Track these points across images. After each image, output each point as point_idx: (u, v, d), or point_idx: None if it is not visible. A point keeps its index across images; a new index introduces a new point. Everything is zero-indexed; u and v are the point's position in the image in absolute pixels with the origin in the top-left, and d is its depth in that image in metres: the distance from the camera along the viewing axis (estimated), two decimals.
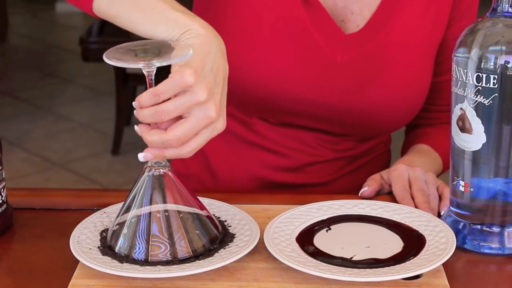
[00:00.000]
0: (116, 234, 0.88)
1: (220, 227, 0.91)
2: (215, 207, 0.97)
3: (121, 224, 0.88)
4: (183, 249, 0.86)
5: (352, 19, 1.14)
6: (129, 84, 3.34)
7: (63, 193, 1.11)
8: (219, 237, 0.89)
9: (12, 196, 1.01)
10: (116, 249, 0.87)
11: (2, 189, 0.96)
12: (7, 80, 4.42)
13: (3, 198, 0.97)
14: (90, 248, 0.88)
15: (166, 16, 0.89)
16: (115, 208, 0.96)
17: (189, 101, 0.82)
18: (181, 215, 0.88)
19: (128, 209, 0.88)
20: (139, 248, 0.86)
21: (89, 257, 0.86)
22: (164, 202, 0.88)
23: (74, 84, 4.33)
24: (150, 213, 0.87)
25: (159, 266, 0.84)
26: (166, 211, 0.88)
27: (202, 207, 0.90)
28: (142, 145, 0.86)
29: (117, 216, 0.89)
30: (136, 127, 0.86)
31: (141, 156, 0.86)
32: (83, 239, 0.90)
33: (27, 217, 1.01)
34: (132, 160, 3.28)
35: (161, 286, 0.84)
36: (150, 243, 0.86)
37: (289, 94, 1.12)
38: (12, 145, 3.43)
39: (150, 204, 0.88)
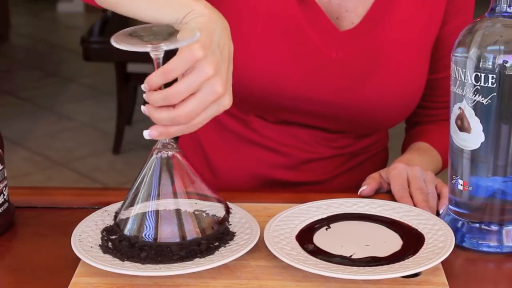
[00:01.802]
0: (126, 216, 0.88)
1: (228, 207, 0.91)
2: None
3: (131, 206, 0.88)
4: (191, 229, 0.86)
5: (347, 16, 1.14)
6: (130, 83, 3.34)
7: (64, 191, 1.12)
8: (227, 217, 0.90)
9: (14, 194, 1.01)
10: (126, 231, 0.87)
11: (4, 188, 0.97)
12: (9, 80, 4.42)
13: (5, 197, 0.97)
14: (91, 247, 0.89)
15: None
16: (117, 206, 0.97)
17: (198, 78, 0.82)
18: (189, 196, 0.88)
19: (137, 191, 0.89)
20: (149, 229, 0.86)
21: (90, 255, 0.86)
22: (172, 183, 0.88)
23: (75, 83, 4.33)
24: (158, 194, 0.88)
25: (160, 265, 0.85)
26: (174, 193, 0.88)
27: (210, 188, 0.91)
28: (143, 144, 0.86)
29: (127, 198, 0.90)
30: (142, 107, 0.85)
31: (146, 134, 0.85)
32: (85, 238, 0.90)
33: (29, 215, 1.01)
34: (133, 159, 3.28)
35: (162, 284, 0.84)
36: (159, 224, 0.86)
37: (285, 91, 1.13)
38: (14, 144, 3.43)
39: (159, 185, 0.88)
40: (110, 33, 0.88)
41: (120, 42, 0.83)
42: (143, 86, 0.84)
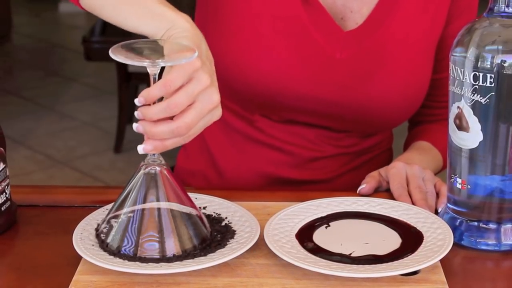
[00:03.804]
0: (108, 228, 0.89)
1: (209, 228, 0.91)
2: (215, 204, 0.98)
3: (113, 219, 0.89)
4: (172, 247, 0.86)
5: (352, 17, 1.15)
6: (131, 83, 3.34)
7: (66, 190, 1.12)
8: (209, 237, 0.90)
9: (16, 193, 1.01)
10: (108, 241, 0.88)
11: (6, 187, 0.97)
12: (12, 79, 4.43)
13: (7, 196, 0.98)
14: (92, 245, 0.89)
15: (152, 10, 0.90)
16: None
17: (197, 87, 0.83)
18: (173, 214, 0.88)
19: (121, 205, 0.89)
20: (129, 243, 0.86)
21: (91, 253, 0.87)
22: (158, 200, 0.88)
23: (77, 83, 4.34)
24: (142, 210, 0.88)
25: (161, 263, 0.85)
26: (158, 209, 0.88)
27: (194, 207, 0.91)
28: None
29: (110, 211, 0.90)
30: (135, 125, 0.85)
31: (140, 149, 0.85)
32: (86, 236, 0.91)
33: (31, 214, 1.02)
34: (134, 157, 3.27)
35: (162, 282, 0.85)
36: (140, 239, 0.87)
37: (289, 91, 1.13)
38: (16, 143, 3.44)
39: (144, 201, 0.88)
40: (111, 33, 0.89)
41: (118, 54, 0.83)
42: (137, 100, 0.83)
